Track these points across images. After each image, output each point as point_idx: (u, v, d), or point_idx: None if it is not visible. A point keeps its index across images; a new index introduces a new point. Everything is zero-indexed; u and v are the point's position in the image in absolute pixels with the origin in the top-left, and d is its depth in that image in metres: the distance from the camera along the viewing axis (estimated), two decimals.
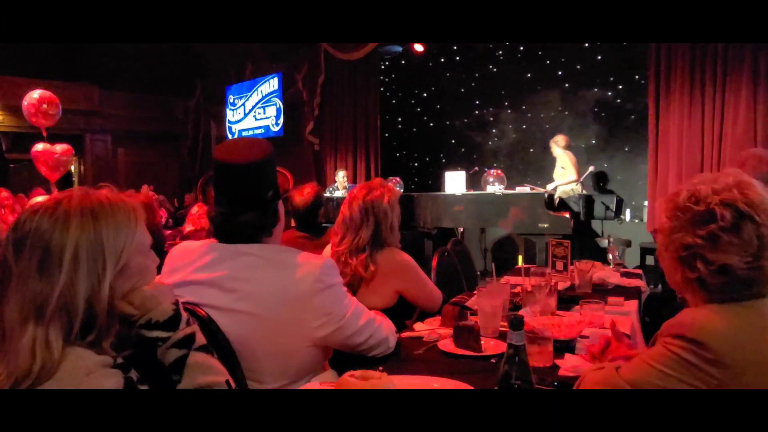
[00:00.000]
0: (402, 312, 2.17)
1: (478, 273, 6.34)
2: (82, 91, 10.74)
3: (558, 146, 6.34)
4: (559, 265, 2.72)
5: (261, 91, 10.16)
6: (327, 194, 7.36)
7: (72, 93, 10.23)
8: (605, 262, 3.03)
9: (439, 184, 7.34)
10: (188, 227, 4.45)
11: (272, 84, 9.89)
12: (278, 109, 9.81)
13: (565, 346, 1.67)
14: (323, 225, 3.10)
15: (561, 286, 2.45)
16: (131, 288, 1.06)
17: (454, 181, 6.17)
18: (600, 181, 7.08)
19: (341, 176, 7.63)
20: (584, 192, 6.13)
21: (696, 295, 1.12)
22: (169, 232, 5.41)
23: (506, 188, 6.14)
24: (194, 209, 4.61)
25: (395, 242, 2.19)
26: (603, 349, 1.47)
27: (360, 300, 1.61)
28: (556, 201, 5.59)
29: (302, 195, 2.98)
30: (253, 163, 1.43)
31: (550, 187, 6.10)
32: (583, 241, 6.04)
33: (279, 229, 1.54)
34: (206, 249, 1.48)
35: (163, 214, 7.96)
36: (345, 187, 7.36)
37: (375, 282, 2.11)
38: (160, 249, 2.15)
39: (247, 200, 1.44)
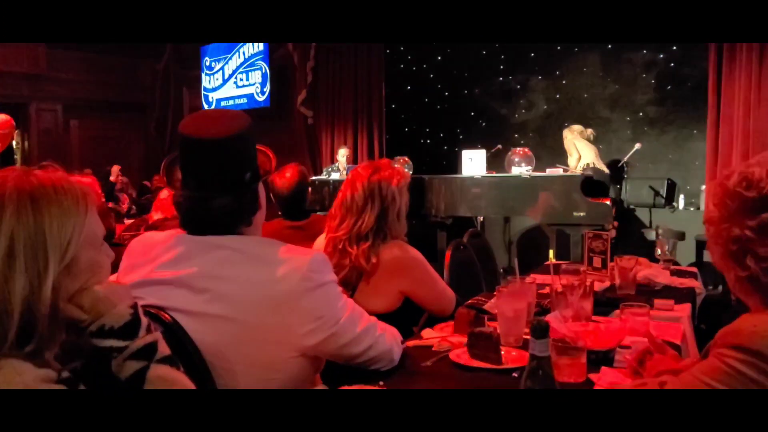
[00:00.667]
0: (408, 316, 2.17)
1: (500, 270, 6.35)
2: (25, 50, 10.36)
3: (574, 136, 6.33)
4: (597, 262, 2.72)
5: (243, 53, 10.13)
6: (324, 176, 7.37)
7: (12, 52, 10.06)
8: (652, 258, 3.02)
9: (454, 165, 7.32)
10: (156, 215, 4.45)
11: (257, 44, 9.86)
12: (264, 75, 9.80)
13: (601, 358, 1.66)
14: (317, 212, 3.12)
15: (598, 286, 2.45)
16: (80, 288, 1.06)
17: (473, 162, 6.15)
18: (648, 161, 7.06)
19: (342, 155, 7.63)
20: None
21: (752, 297, 1.11)
22: (131, 221, 5.42)
23: (535, 170, 6.13)
24: (163, 193, 4.60)
25: (401, 234, 2.20)
26: (640, 359, 1.47)
27: (359, 302, 1.61)
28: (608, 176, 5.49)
29: (283, 179, 3.00)
30: (228, 137, 1.43)
31: (580, 164, 6.07)
32: (627, 233, 6.03)
33: (259, 218, 1.54)
34: (172, 242, 1.48)
35: (125, 201, 8.00)
36: (345, 168, 7.37)
37: (377, 279, 2.11)
38: (108, 242, 2.16)
39: (221, 183, 1.43)
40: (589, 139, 6.60)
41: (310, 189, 3.23)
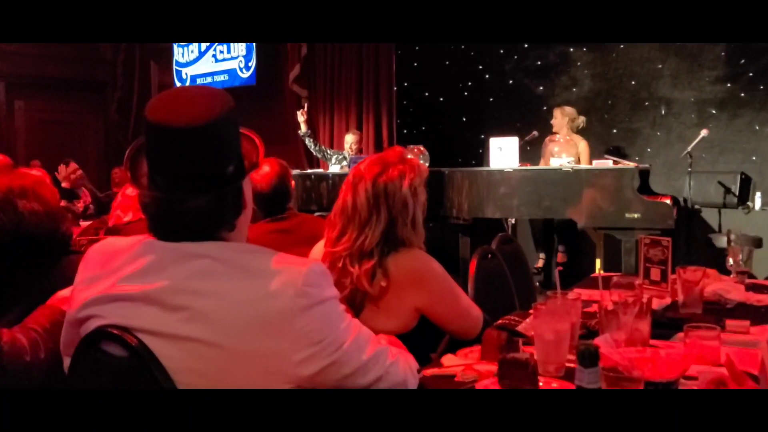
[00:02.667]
0: (425, 338, 2.18)
1: (537, 284, 6.35)
2: None
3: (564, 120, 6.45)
4: (655, 274, 2.71)
5: None
6: (321, 169, 7.39)
7: None
8: (723, 269, 3.00)
9: (480, 156, 7.32)
10: (126, 216, 4.46)
11: None
12: (248, 47, 9.83)
13: (661, 391, 1.66)
14: (315, 213, 3.15)
15: (657, 303, 2.44)
16: None
17: (503, 152, 6.15)
18: (717, 151, 7.03)
19: (350, 143, 7.61)
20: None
21: None
22: (87, 223, 5.43)
23: (582, 161, 6.13)
24: (129, 190, 4.62)
25: (417, 243, 2.20)
26: None
27: (366, 323, 1.61)
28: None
29: (262, 174, 3.05)
30: (205, 124, 1.42)
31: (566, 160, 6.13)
32: (691, 238, 6.01)
33: (244, 220, 1.54)
34: (139, 249, 1.48)
35: (85, 197, 8.02)
36: (352, 159, 7.40)
37: (387, 297, 2.12)
38: (60, 248, 2.16)
39: (197, 180, 1.43)
40: (578, 128, 6.68)
41: (293, 184, 3.26)
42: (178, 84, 10.75)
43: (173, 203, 1.44)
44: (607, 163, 5.83)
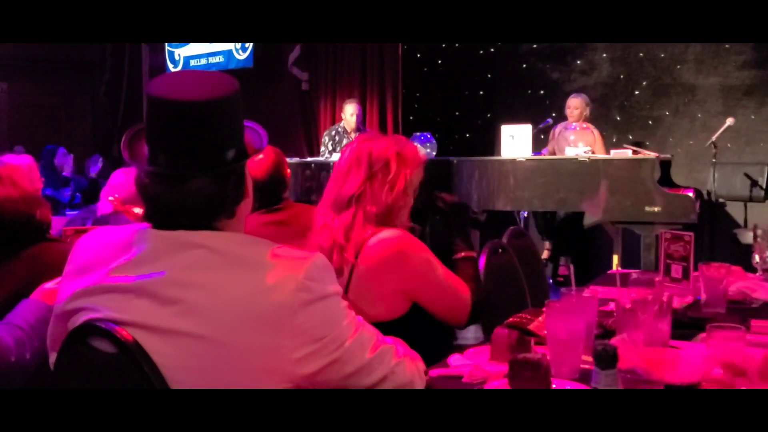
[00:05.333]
0: (419, 325, 2.20)
1: (550, 280, 6.35)
2: None
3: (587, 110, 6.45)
4: (677, 271, 2.71)
5: None
6: (321, 158, 7.38)
7: None
8: (748, 266, 3.00)
9: (491, 144, 7.30)
10: (114, 204, 4.48)
11: None
12: None
13: None
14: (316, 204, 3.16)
15: (678, 302, 2.44)
16: None
17: (515, 140, 6.15)
18: (743, 141, 7.01)
19: (351, 114, 7.55)
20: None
21: None
22: (73, 213, 5.45)
23: (599, 148, 6.12)
24: (116, 177, 4.63)
25: (398, 222, 2.25)
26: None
27: (352, 305, 1.61)
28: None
29: (257, 162, 3.05)
30: (209, 100, 1.43)
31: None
32: (715, 233, 6.00)
33: (244, 209, 1.55)
34: (132, 238, 1.49)
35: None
36: (354, 131, 7.39)
37: (367, 273, 2.16)
38: (35, 234, 2.21)
39: (199, 158, 1.44)
40: (586, 118, 6.69)
41: (289, 173, 3.27)
42: (170, 66, 10.75)
43: (173, 182, 1.45)
44: (626, 152, 5.82)
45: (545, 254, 6.96)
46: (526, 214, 6.82)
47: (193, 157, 1.44)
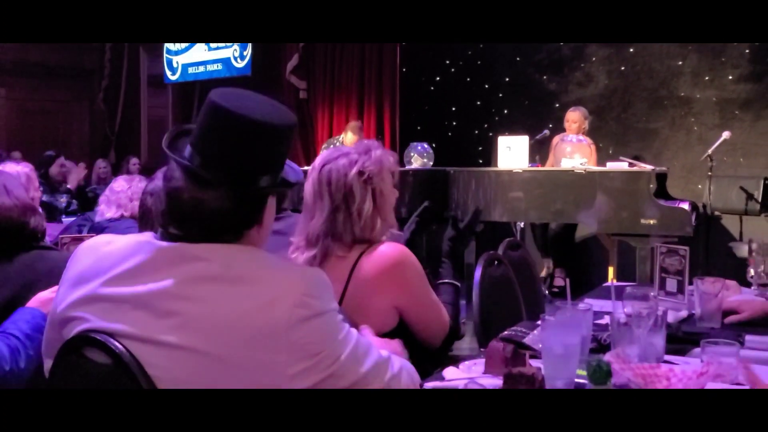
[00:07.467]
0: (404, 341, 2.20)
1: (546, 293, 6.34)
2: None
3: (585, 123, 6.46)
4: (671, 285, 2.71)
5: None
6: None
7: None
8: (743, 281, 3.00)
9: (488, 155, 7.31)
10: (108, 212, 4.45)
11: None
12: None
13: None
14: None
15: (673, 316, 2.44)
16: None
17: (512, 151, 6.14)
18: (739, 154, 7.02)
19: (350, 139, 7.57)
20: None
21: None
22: (69, 220, 5.43)
23: (592, 162, 6.12)
24: (118, 184, 4.61)
25: (376, 236, 2.22)
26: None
27: None
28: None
29: None
30: (266, 124, 1.46)
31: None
32: (710, 247, 6.00)
33: (255, 237, 1.53)
34: (132, 249, 1.48)
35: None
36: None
37: (369, 285, 2.14)
38: (28, 242, 2.23)
39: (235, 172, 1.45)
40: (584, 131, 6.70)
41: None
42: (168, 73, 10.74)
43: (200, 186, 1.45)
44: (623, 165, 5.83)
45: (544, 272, 6.95)
46: (522, 225, 6.81)
47: (229, 168, 1.45)
